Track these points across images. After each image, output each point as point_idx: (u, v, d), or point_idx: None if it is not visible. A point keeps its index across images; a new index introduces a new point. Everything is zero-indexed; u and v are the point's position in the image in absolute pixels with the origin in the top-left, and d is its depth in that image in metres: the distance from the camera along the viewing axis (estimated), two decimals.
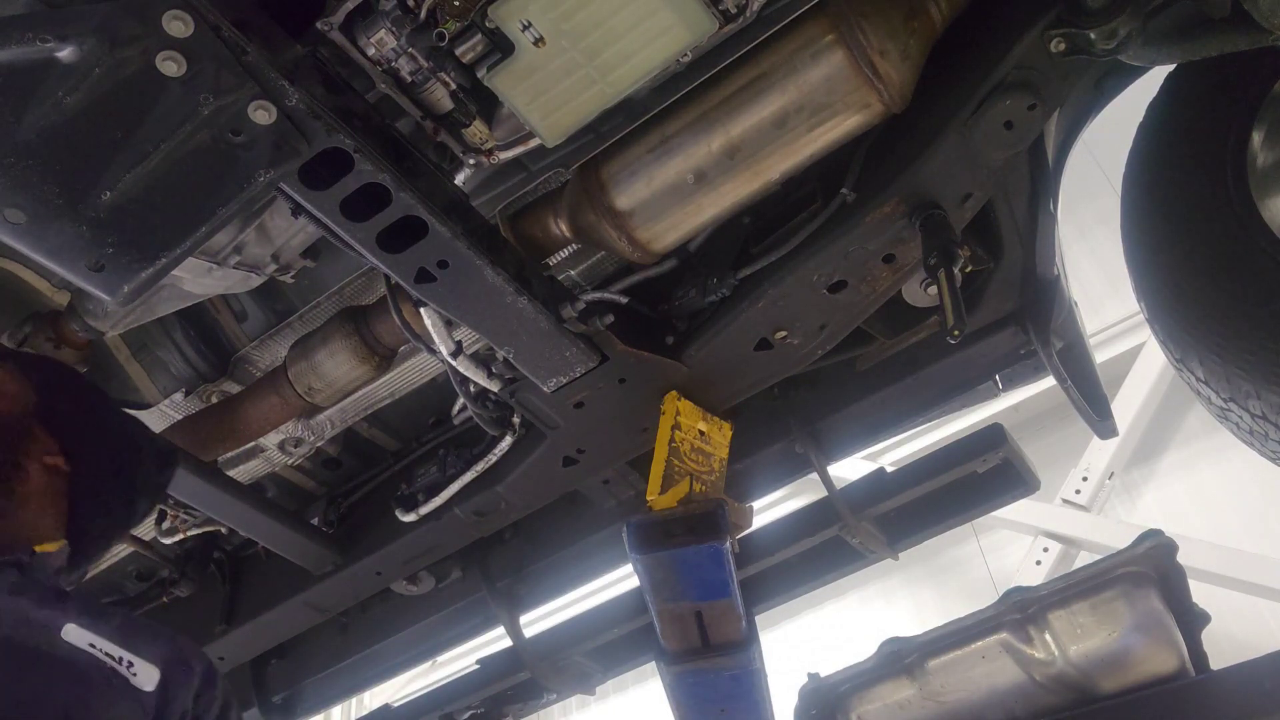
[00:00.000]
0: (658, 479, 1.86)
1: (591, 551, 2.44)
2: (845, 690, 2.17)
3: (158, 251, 1.34)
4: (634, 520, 1.80)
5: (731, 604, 1.83)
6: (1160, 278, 1.90)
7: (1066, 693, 2.05)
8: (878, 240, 1.77)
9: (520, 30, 1.43)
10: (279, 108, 1.30)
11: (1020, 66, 1.62)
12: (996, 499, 2.25)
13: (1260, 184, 1.78)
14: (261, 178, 1.33)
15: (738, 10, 1.47)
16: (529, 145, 1.63)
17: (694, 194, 1.74)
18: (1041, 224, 1.86)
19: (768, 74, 1.65)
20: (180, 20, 1.21)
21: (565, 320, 1.77)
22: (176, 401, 2.20)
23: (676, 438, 1.91)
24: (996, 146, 1.67)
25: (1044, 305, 1.96)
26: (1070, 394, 2.05)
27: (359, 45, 1.48)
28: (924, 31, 1.64)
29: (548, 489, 2.21)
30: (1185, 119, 1.89)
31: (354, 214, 1.48)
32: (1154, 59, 1.64)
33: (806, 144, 1.69)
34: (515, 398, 1.96)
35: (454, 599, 2.54)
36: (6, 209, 1.26)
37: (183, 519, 2.35)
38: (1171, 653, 1.99)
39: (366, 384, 2.10)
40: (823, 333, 1.91)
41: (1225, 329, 1.76)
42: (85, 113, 1.23)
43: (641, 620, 2.41)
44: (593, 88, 1.50)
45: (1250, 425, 1.84)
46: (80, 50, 1.20)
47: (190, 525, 2.36)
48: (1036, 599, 2.04)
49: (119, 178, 1.28)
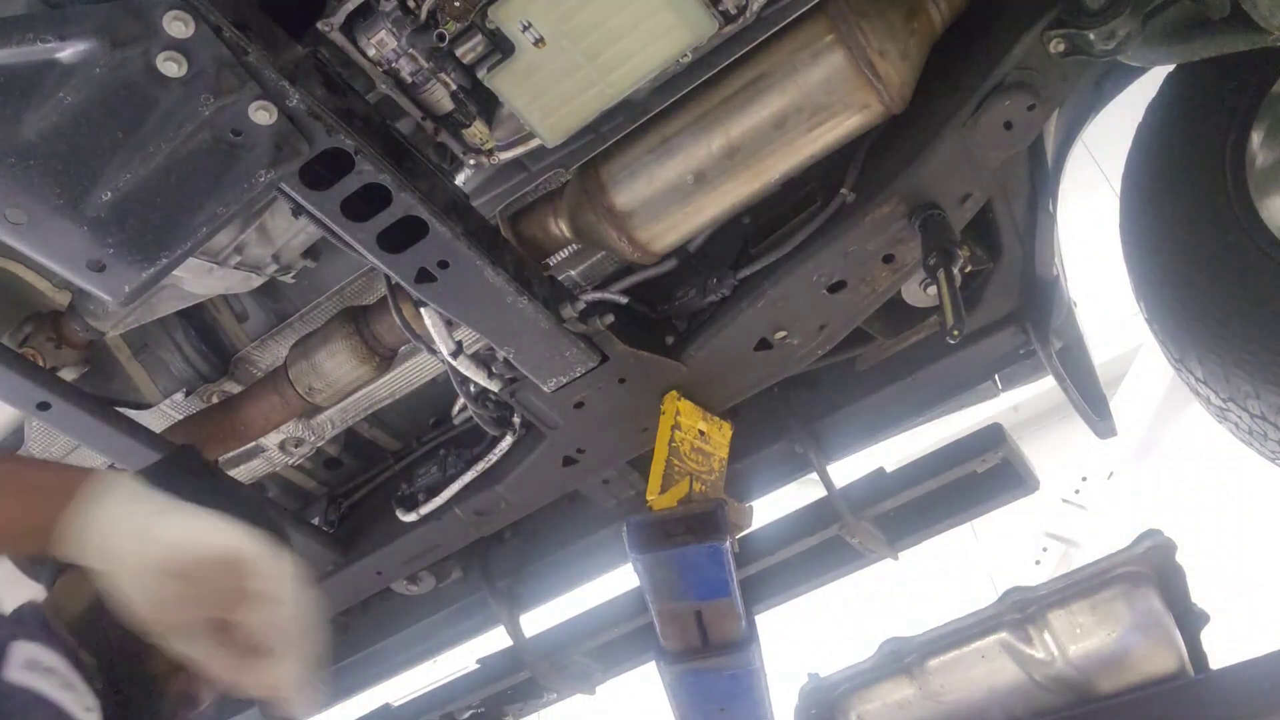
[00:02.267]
0: (658, 479, 1.86)
1: (591, 551, 2.44)
2: (845, 690, 2.17)
3: (158, 251, 1.35)
4: (634, 520, 1.80)
5: (731, 604, 1.83)
6: (1160, 278, 1.90)
7: (1066, 692, 2.04)
8: (877, 240, 1.77)
9: (520, 31, 1.43)
10: (279, 108, 1.30)
11: (1020, 67, 1.62)
12: (996, 499, 2.25)
13: (1259, 184, 1.78)
14: (262, 178, 1.33)
15: (738, 11, 1.47)
16: (529, 145, 1.63)
17: (694, 194, 1.74)
18: (1041, 224, 1.86)
19: (767, 74, 1.66)
20: (181, 21, 1.21)
21: (565, 320, 1.77)
22: (177, 401, 2.20)
23: (676, 438, 1.92)
24: (996, 147, 1.67)
25: (1043, 305, 1.96)
26: (1069, 394, 2.05)
27: (359, 46, 1.48)
28: (924, 32, 1.64)
29: (548, 489, 2.21)
30: (1185, 119, 1.89)
31: (354, 214, 1.48)
32: (1153, 59, 1.64)
33: (806, 144, 1.69)
34: (515, 398, 1.97)
35: (454, 599, 2.55)
36: (7, 209, 1.27)
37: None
38: (1171, 652, 1.99)
39: (367, 384, 2.11)
40: (822, 333, 1.92)
41: (1225, 329, 1.76)
42: (86, 113, 1.23)
43: (641, 620, 2.41)
44: (593, 88, 1.50)
45: (1249, 425, 1.84)
46: (80, 50, 1.20)
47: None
48: (1036, 599, 2.03)
49: (119, 178, 1.28)
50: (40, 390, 1.76)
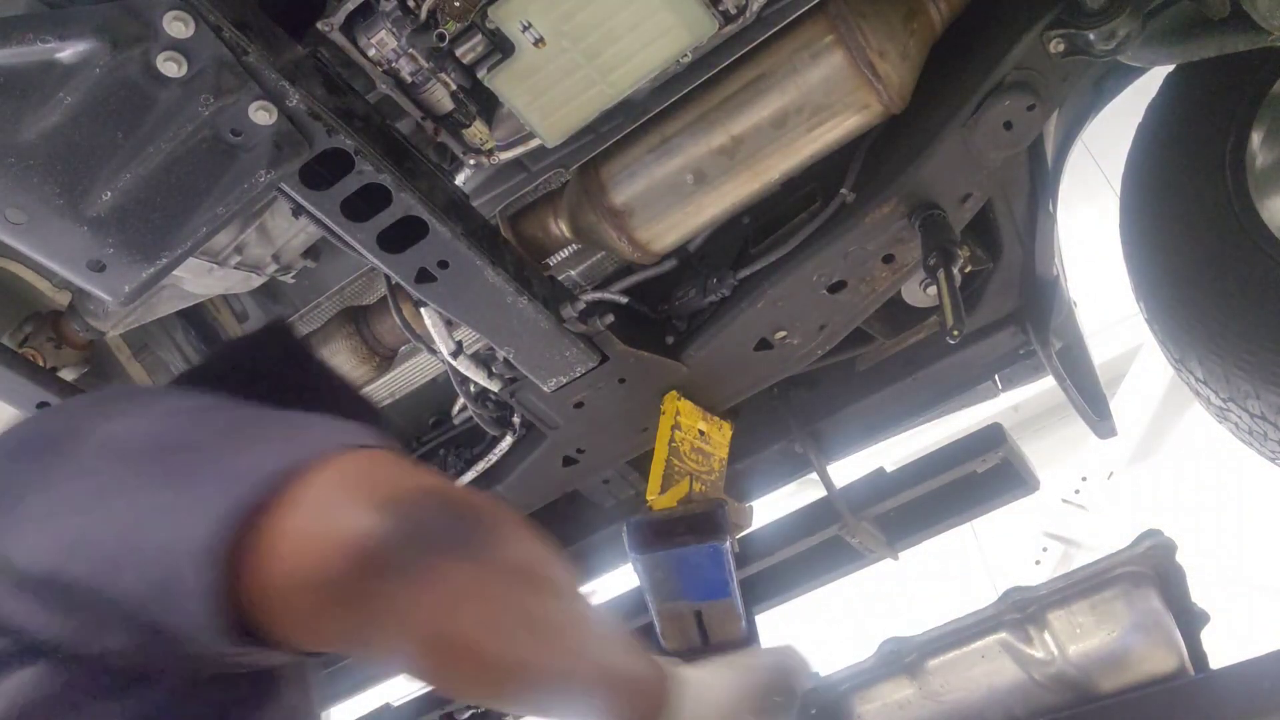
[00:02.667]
0: (657, 479, 1.86)
1: (591, 551, 2.44)
2: (845, 690, 2.17)
3: (159, 251, 1.35)
4: (634, 520, 1.81)
5: (731, 604, 1.83)
6: (1160, 278, 1.90)
7: (1066, 692, 2.04)
8: (877, 240, 1.77)
9: (520, 31, 1.43)
10: (280, 108, 1.30)
11: (1019, 67, 1.62)
12: (996, 499, 2.24)
13: (1260, 184, 1.78)
14: (262, 178, 1.33)
15: (738, 11, 1.47)
16: (529, 145, 1.63)
17: (694, 194, 1.74)
18: (1041, 224, 1.86)
19: (767, 74, 1.66)
20: (181, 21, 1.21)
21: (565, 320, 1.77)
22: None
23: (676, 438, 1.92)
24: (996, 147, 1.67)
25: (1043, 305, 1.96)
26: (1069, 394, 2.05)
27: (359, 46, 1.48)
28: (923, 32, 1.64)
29: (548, 489, 2.21)
30: (1185, 119, 1.89)
31: (354, 214, 1.48)
32: (1153, 59, 1.64)
33: (806, 144, 1.69)
34: (515, 398, 1.97)
35: None
36: (7, 209, 1.26)
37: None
38: (1171, 652, 1.98)
39: (367, 384, 2.11)
40: (822, 333, 1.92)
41: (1225, 329, 1.76)
42: (85, 113, 1.23)
43: (641, 620, 2.41)
44: (593, 88, 1.50)
45: (1249, 425, 1.84)
46: (80, 50, 1.20)
47: None
48: (1036, 598, 2.03)
49: (119, 178, 1.28)
50: (40, 390, 1.76)
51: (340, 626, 0.85)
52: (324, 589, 0.80)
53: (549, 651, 0.94)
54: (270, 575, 0.79)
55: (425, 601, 0.84)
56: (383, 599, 0.82)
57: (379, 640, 0.86)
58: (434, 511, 0.88)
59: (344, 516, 0.82)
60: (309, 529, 0.81)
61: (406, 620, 0.84)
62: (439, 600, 0.85)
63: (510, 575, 0.92)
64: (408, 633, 0.85)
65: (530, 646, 0.91)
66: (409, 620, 0.84)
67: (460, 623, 0.87)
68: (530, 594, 0.94)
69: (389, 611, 0.83)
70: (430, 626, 0.86)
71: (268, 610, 0.81)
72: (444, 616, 0.86)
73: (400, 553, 0.82)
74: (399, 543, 0.82)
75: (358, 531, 0.81)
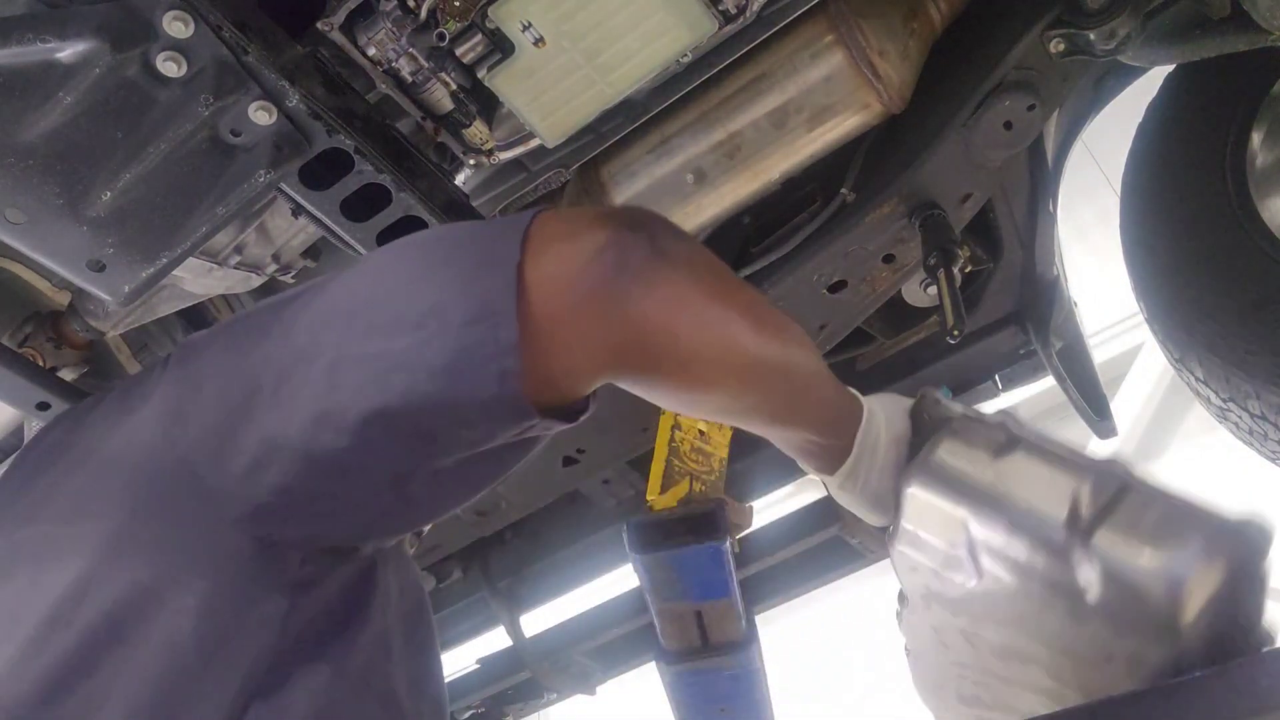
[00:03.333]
0: (658, 479, 1.86)
1: (591, 551, 2.44)
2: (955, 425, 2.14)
3: (158, 251, 1.34)
4: (634, 520, 1.81)
5: (731, 604, 1.83)
6: (1160, 278, 1.90)
7: None
8: (877, 240, 1.77)
9: (520, 31, 1.43)
10: (279, 108, 1.30)
11: (1019, 67, 1.62)
12: None
13: (1260, 184, 1.78)
14: (262, 178, 1.33)
15: (738, 11, 1.47)
16: (529, 145, 1.63)
17: (693, 194, 1.74)
18: (1041, 224, 1.86)
19: (767, 74, 1.66)
20: (181, 21, 1.21)
21: None
22: None
23: (676, 438, 1.92)
24: (996, 147, 1.67)
25: (1043, 305, 1.96)
26: (1070, 394, 2.05)
27: (359, 46, 1.48)
28: (923, 32, 1.64)
29: (548, 489, 2.21)
30: (1185, 119, 1.89)
31: (354, 214, 1.48)
32: (1153, 59, 1.64)
33: (806, 144, 1.69)
34: None
35: (454, 599, 2.55)
36: (6, 209, 1.26)
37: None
38: None
39: None
40: (823, 332, 1.91)
41: (1225, 329, 1.76)
42: (85, 113, 1.23)
43: (641, 620, 2.41)
44: (593, 88, 1.50)
45: (1249, 425, 1.84)
46: (80, 50, 1.20)
47: None
48: None
49: (119, 178, 1.28)
50: (40, 390, 1.75)
51: (616, 338, 0.92)
52: (595, 301, 0.88)
53: (774, 345, 1.00)
54: (550, 309, 0.86)
55: (678, 284, 0.91)
56: (638, 292, 0.88)
57: (643, 347, 0.95)
58: (637, 212, 0.95)
59: (583, 237, 0.88)
60: (564, 256, 0.87)
61: (664, 309, 0.91)
62: (689, 285, 0.92)
63: (725, 269, 0.99)
64: (666, 325, 0.92)
65: (763, 340, 0.99)
66: (665, 309, 0.91)
67: (713, 306, 0.94)
68: (746, 289, 1.03)
69: (646, 301, 0.89)
70: (686, 313, 0.92)
71: (550, 354, 0.88)
72: (704, 296, 0.93)
73: (635, 241, 0.88)
74: (631, 234, 0.88)
75: (600, 240, 0.87)
